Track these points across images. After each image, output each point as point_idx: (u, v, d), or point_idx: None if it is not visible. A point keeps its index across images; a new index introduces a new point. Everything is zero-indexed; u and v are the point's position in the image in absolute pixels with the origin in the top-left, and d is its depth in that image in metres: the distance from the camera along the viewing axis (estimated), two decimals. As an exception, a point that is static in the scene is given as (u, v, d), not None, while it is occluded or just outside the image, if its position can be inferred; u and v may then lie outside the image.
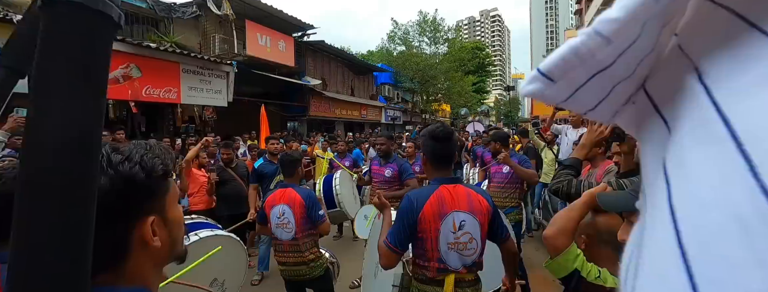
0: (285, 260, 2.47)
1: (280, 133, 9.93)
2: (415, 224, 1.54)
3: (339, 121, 15.99)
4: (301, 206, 2.42)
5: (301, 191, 2.48)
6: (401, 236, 1.54)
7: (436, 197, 1.56)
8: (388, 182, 3.89)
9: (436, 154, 1.66)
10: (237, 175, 4.50)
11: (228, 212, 4.34)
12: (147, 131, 7.93)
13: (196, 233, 2.53)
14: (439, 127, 1.68)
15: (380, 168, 4.05)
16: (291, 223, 2.42)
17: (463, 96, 26.09)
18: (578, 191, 1.65)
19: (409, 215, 1.54)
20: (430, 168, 1.68)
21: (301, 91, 12.76)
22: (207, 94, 7.99)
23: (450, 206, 1.56)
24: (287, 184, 2.57)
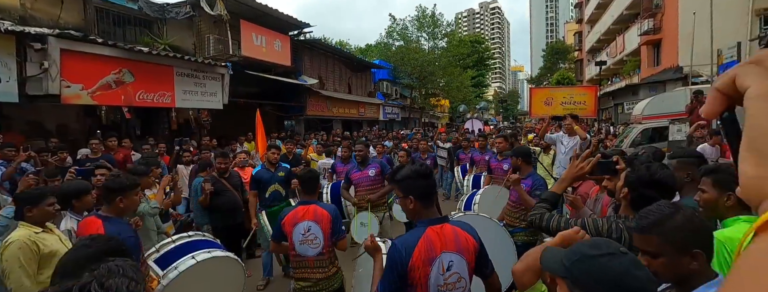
0: (310, 276, 2.48)
1: (277, 135, 9.89)
2: (405, 273, 1.52)
3: (336, 119, 15.92)
4: (329, 222, 2.47)
5: (327, 207, 2.54)
6: (392, 287, 1.52)
7: (424, 242, 1.53)
8: (373, 181, 4.08)
9: (424, 191, 1.62)
10: (230, 185, 4.48)
11: (222, 222, 4.33)
12: (142, 135, 7.88)
13: (192, 255, 2.50)
14: (420, 165, 1.67)
15: (362, 172, 4.15)
16: (319, 238, 2.46)
17: (462, 91, 25.94)
18: (548, 226, 1.67)
19: (399, 266, 1.51)
20: (419, 208, 1.62)
21: (298, 91, 12.66)
22: (202, 97, 7.92)
23: (439, 249, 1.54)
24: (309, 201, 2.58)
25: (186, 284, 2.41)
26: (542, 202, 1.78)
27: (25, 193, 2.31)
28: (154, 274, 2.41)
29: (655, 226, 1.13)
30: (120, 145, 5.70)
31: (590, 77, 28.34)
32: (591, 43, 28.28)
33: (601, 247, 0.88)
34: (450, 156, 8.09)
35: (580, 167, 1.74)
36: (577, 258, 0.86)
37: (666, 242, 1.11)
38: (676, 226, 1.11)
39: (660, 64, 17.68)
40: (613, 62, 22.48)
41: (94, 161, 4.93)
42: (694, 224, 1.12)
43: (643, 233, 1.16)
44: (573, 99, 10.65)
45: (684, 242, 1.10)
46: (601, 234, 1.53)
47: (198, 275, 2.49)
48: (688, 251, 1.09)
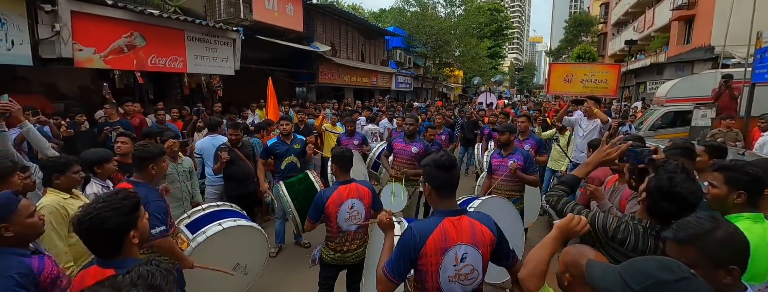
0: (349, 247, 2.65)
1: (289, 102, 9.82)
2: (416, 258, 1.54)
3: (348, 88, 15.70)
4: (370, 197, 2.65)
5: (366, 185, 2.70)
6: (401, 269, 1.55)
7: (439, 231, 1.55)
8: (414, 158, 4.21)
9: (442, 184, 1.61)
10: (243, 154, 4.53)
11: (236, 191, 4.45)
12: (155, 100, 7.88)
13: (219, 222, 2.74)
14: (443, 155, 1.62)
15: (407, 145, 4.29)
16: (361, 214, 2.64)
17: (477, 62, 25.12)
18: (562, 211, 1.64)
19: (411, 249, 1.53)
20: (435, 197, 1.64)
21: (310, 58, 12.39)
22: (213, 63, 7.79)
23: (453, 240, 1.55)
24: (348, 180, 2.68)
25: (212, 247, 2.63)
26: (561, 184, 1.74)
27: (52, 161, 2.40)
28: (184, 237, 2.66)
29: (694, 239, 1.12)
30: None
31: (613, 53, 27.11)
32: (618, 15, 26.71)
33: (674, 270, 0.84)
34: (462, 131, 8.01)
35: (607, 153, 1.67)
36: (651, 283, 0.82)
37: (704, 256, 1.10)
38: (717, 242, 1.10)
39: (690, 43, 16.72)
40: (639, 38, 21.34)
41: (112, 124, 5.01)
42: (735, 241, 1.10)
43: (680, 243, 1.14)
44: (594, 77, 10.19)
45: (722, 257, 1.09)
46: (607, 232, 1.51)
47: (224, 240, 2.70)
48: (724, 266, 1.08)
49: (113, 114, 5.28)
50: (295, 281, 3.75)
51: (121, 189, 1.44)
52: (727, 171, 1.70)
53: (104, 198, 1.33)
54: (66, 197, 2.28)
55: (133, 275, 0.77)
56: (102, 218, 1.26)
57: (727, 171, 1.71)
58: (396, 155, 4.28)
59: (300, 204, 3.64)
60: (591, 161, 1.73)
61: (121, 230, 1.31)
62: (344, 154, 2.75)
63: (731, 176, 1.67)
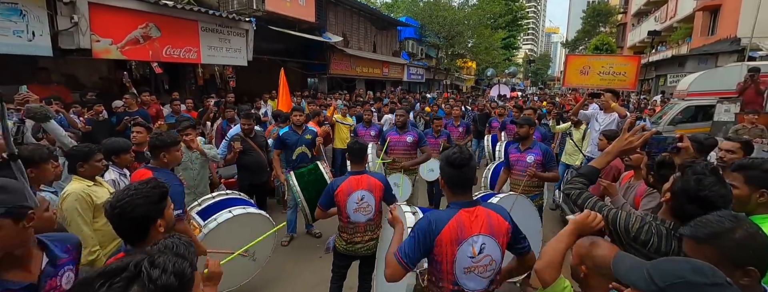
0: (360, 239, 2.70)
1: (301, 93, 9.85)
2: (431, 247, 1.55)
3: (360, 79, 15.64)
4: (381, 190, 2.65)
5: (378, 176, 2.70)
6: (413, 255, 1.54)
7: (455, 222, 1.54)
8: (410, 148, 4.27)
9: (454, 181, 1.61)
10: (256, 145, 4.59)
11: (249, 181, 4.52)
12: (170, 90, 8.00)
13: (230, 210, 2.85)
14: (456, 152, 1.60)
15: (401, 136, 4.33)
16: (371, 206, 2.66)
17: (491, 53, 24.65)
18: (583, 206, 1.60)
19: (426, 237, 1.54)
20: (448, 192, 1.64)
21: (322, 48, 12.35)
22: (226, 53, 7.84)
23: (469, 231, 1.55)
24: (360, 171, 2.72)
25: (222, 234, 2.72)
26: (580, 176, 1.70)
27: (76, 149, 2.49)
28: (196, 223, 2.75)
29: (713, 238, 1.09)
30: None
31: (632, 44, 26.26)
32: (639, 5, 25.78)
33: (707, 274, 0.81)
34: (475, 123, 7.93)
35: (629, 141, 1.60)
36: (679, 282, 0.80)
37: (722, 255, 1.07)
38: (736, 242, 1.07)
39: (715, 34, 16.06)
40: (661, 28, 20.59)
41: (131, 114, 5.12)
42: (756, 242, 1.07)
43: (698, 242, 1.12)
44: (612, 69, 9.90)
45: (741, 258, 1.06)
46: (629, 232, 1.46)
47: (233, 227, 2.79)
48: (742, 267, 1.06)
49: (133, 104, 5.39)
50: (306, 271, 3.82)
51: (151, 178, 1.49)
52: (746, 170, 1.64)
53: (136, 186, 1.39)
54: (90, 185, 2.36)
55: (160, 245, 0.89)
56: (133, 205, 1.32)
57: (745, 170, 1.65)
58: (392, 148, 4.31)
59: (309, 195, 3.69)
60: (611, 150, 1.66)
61: (149, 217, 1.36)
62: (357, 145, 2.78)
63: (751, 175, 1.62)
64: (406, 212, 2.04)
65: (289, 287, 3.53)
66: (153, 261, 0.74)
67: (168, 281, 0.72)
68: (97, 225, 2.30)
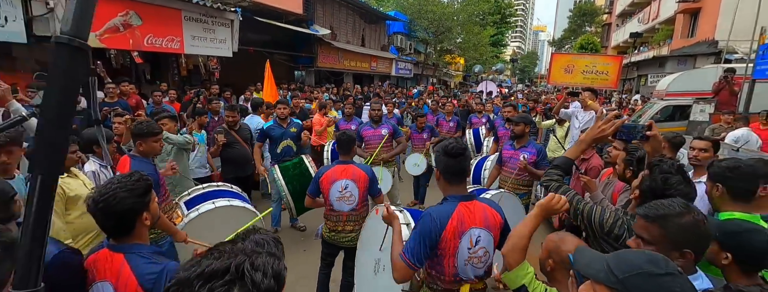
0: (342, 228, 2.75)
1: (287, 85, 9.74)
2: (436, 243, 1.57)
3: (348, 73, 15.54)
4: (366, 181, 2.68)
5: (364, 168, 2.72)
6: (420, 254, 1.56)
7: (457, 215, 1.58)
8: (386, 141, 4.29)
9: (450, 170, 1.64)
10: (240, 137, 4.52)
11: (233, 174, 4.46)
12: (152, 80, 7.80)
13: (213, 201, 2.84)
14: (452, 143, 1.64)
15: (376, 130, 4.35)
16: (354, 196, 2.68)
17: (479, 50, 24.80)
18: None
19: (431, 234, 1.56)
20: (445, 183, 1.67)
21: (309, 41, 12.21)
22: (211, 44, 7.67)
23: (468, 224, 1.60)
24: (347, 161, 2.77)
25: (204, 224, 2.72)
26: (555, 168, 1.74)
27: None
28: (180, 213, 2.79)
29: (662, 219, 1.19)
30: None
31: (616, 44, 26.82)
32: (623, 6, 26.29)
33: (661, 265, 0.86)
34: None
35: (601, 129, 1.63)
36: (636, 273, 0.84)
37: (665, 236, 1.18)
38: (681, 226, 1.17)
39: (694, 36, 16.54)
40: (644, 30, 21.09)
41: (111, 105, 4.97)
42: (699, 230, 1.17)
43: (647, 220, 1.22)
44: (596, 68, 10.10)
45: (681, 241, 1.17)
46: (603, 226, 1.52)
47: (215, 218, 2.79)
48: (680, 249, 1.16)
49: (113, 94, 5.23)
50: (290, 264, 3.78)
51: (135, 171, 1.46)
52: (710, 167, 1.76)
53: (119, 179, 1.36)
54: (63, 177, 2.29)
55: (251, 242, 0.82)
56: (117, 199, 1.30)
57: (710, 167, 1.76)
58: (368, 142, 4.32)
59: (294, 188, 3.68)
60: (585, 138, 1.70)
61: (134, 211, 1.34)
62: (344, 136, 2.81)
63: (711, 171, 1.74)
64: (395, 210, 2.07)
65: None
66: (254, 263, 0.70)
67: (269, 285, 0.70)
68: (70, 218, 2.25)
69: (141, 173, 1.45)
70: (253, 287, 0.67)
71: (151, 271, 1.28)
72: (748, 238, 1.27)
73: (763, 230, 1.31)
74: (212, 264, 0.69)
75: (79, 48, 0.61)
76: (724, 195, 1.67)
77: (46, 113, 0.61)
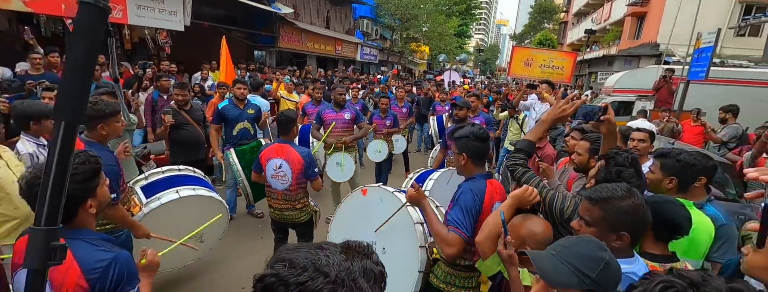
0: (278, 206, 2.80)
1: (246, 66, 9.21)
2: (479, 215, 1.64)
3: (311, 55, 15.05)
4: (300, 164, 2.68)
5: (300, 150, 2.71)
6: (470, 225, 1.61)
7: (489, 190, 1.69)
8: (347, 125, 4.27)
9: (479, 153, 1.75)
10: (192, 119, 4.22)
11: (183, 157, 4.16)
12: (90, 52, 7.00)
13: (176, 190, 2.65)
14: (479, 129, 1.76)
15: (338, 114, 4.28)
16: (288, 176, 2.69)
17: (444, 39, 25.05)
18: (525, 183, 1.66)
19: (476, 206, 1.64)
20: (471, 165, 1.75)
21: (271, 19, 11.60)
22: (160, 15, 7.02)
23: (496, 198, 1.71)
24: (286, 140, 2.77)
25: (166, 215, 2.53)
26: (518, 151, 1.75)
27: None
28: (137, 200, 2.53)
29: (603, 201, 1.25)
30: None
31: (571, 42, 28.22)
32: (579, 6, 27.62)
33: (605, 247, 0.90)
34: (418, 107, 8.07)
35: (562, 109, 1.66)
36: (602, 267, 0.87)
37: (604, 218, 1.24)
38: (620, 209, 1.23)
39: (639, 38, 17.80)
40: (597, 29, 22.35)
41: (36, 78, 4.39)
42: (637, 214, 1.23)
43: (590, 202, 1.27)
44: (552, 63, 10.56)
45: (619, 224, 1.23)
46: (563, 213, 1.57)
47: (179, 209, 2.62)
48: (618, 231, 1.22)
49: (39, 65, 4.63)
50: (246, 252, 3.67)
51: (81, 151, 1.28)
52: (663, 158, 1.85)
53: None
54: None
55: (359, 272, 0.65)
56: None
57: (663, 158, 1.85)
58: (328, 125, 4.23)
59: (250, 173, 3.51)
60: (546, 118, 1.72)
61: (77, 197, 1.18)
62: (283, 116, 2.82)
63: (666, 163, 1.82)
64: (394, 192, 2.05)
65: (228, 270, 3.38)
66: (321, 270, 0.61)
67: None
68: None
69: (88, 154, 1.28)
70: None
71: (99, 259, 1.13)
72: (667, 208, 1.41)
73: (681, 204, 1.45)
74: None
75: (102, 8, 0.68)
76: (674, 188, 1.80)
77: (70, 64, 0.69)
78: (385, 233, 1.97)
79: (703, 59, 6.34)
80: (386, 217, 1.93)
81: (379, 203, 2.04)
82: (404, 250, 1.88)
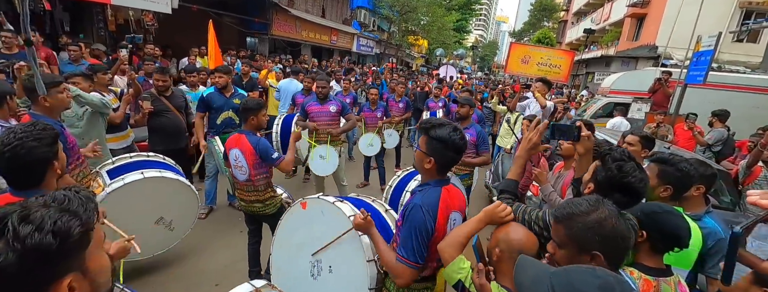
0: (244, 197, 2.72)
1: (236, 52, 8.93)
2: (432, 234, 1.45)
3: (306, 44, 14.75)
4: (252, 154, 2.58)
5: (251, 139, 2.59)
6: (421, 250, 1.44)
7: (443, 202, 1.49)
8: (332, 117, 4.09)
9: (449, 164, 1.53)
10: (173, 106, 4.03)
11: (162, 146, 3.99)
12: (72, 32, 6.71)
13: (142, 171, 2.61)
14: (460, 137, 1.48)
15: (323, 106, 4.10)
16: (244, 167, 2.61)
17: (443, 34, 24.79)
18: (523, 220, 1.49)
19: (427, 227, 1.43)
20: (434, 172, 1.53)
21: (264, 5, 11.28)
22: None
23: (451, 208, 1.53)
24: (241, 130, 2.68)
25: (130, 196, 2.47)
26: (503, 193, 1.63)
27: None
28: (102, 181, 2.50)
29: (566, 218, 1.09)
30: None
31: (570, 41, 28.13)
32: (579, 5, 27.49)
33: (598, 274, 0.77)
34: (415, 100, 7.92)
35: (529, 139, 1.58)
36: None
37: (570, 236, 1.08)
38: (585, 225, 1.06)
39: (638, 40, 17.74)
40: (596, 29, 22.26)
41: (7, 57, 4.14)
42: (604, 228, 1.05)
43: (555, 221, 1.13)
44: (550, 61, 10.46)
45: (586, 241, 1.05)
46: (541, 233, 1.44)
47: (143, 190, 2.57)
48: (588, 251, 1.05)
49: (12, 45, 4.37)
50: (224, 246, 3.52)
51: (38, 121, 1.44)
52: (662, 164, 1.73)
53: (23, 128, 1.33)
54: None
55: (47, 197, 0.69)
56: (26, 148, 1.27)
57: (661, 164, 1.73)
58: (314, 118, 4.06)
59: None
60: (520, 154, 1.63)
61: (45, 160, 1.33)
62: (246, 103, 2.67)
63: (663, 170, 1.71)
64: (335, 202, 1.83)
65: (202, 264, 3.23)
66: (26, 215, 0.62)
67: (43, 241, 0.61)
68: None
69: (43, 122, 1.42)
70: (15, 240, 0.59)
71: None
72: (664, 218, 1.31)
73: (680, 215, 1.36)
74: None
75: None
76: (668, 196, 1.70)
77: None
78: (332, 251, 1.81)
79: (702, 63, 6.24)
80: (329, 231, 1.78)
81: (320, 216, 1.85)
82: (351, 267, 1.72)
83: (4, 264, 0.58)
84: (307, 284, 1.89)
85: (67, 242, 0.64)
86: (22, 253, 0.59)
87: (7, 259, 0.58)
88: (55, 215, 0.64)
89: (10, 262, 0.58)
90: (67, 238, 0.63)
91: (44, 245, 0.61)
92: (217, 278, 3.04)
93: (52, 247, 0.61)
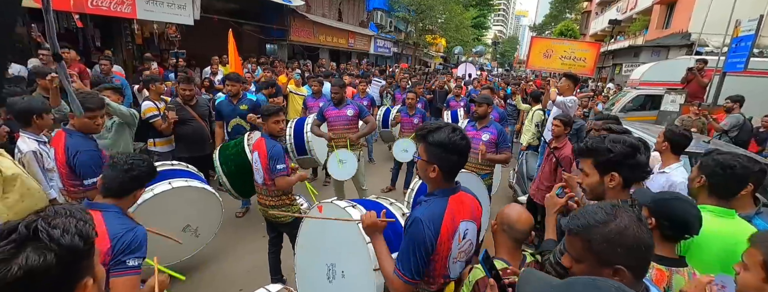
0: (262, 201, 2.75)
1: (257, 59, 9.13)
2: (433, 250, 1.37)
3: (323, 48, 14.90)
4: (266, 158, 2.59)
5: (268, 143, 2.61)
6: (419, 266, 1.36)
7: (448, 214, 1.39)
8: (350, 121, 4.04)
9: (454, 169, 1.43)
10: (197, 114, 4.16)
11: (187, 153, 4.13)
12: (102, 47, 7.06)
13: (169, 181, 2.68)
14: (461, 136, 1.38)
15: (341, 110, 4.05)
16: (260, 170, 2.65)
17: (461, 31, 24.44)
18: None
19: (426, 243, 1.35)
20: (440, 180, 1.42)
21: (281, 12, 11.48)
22: (168, 10, 6.97)
23: (459, 218, 1.42)
24: (263, 133, 2.73)
25: (159, 206, 2.57)
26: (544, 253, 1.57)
27: None
28: None
29: (583, 230, 0.98)
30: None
31: (594, 32, 27.08)
32: (604, -6, 26.45)
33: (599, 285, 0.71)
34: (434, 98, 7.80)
35: (553, 203, 1.63)
36: None
37: (589, 249, 0.97)
38: (604, 236, 0.95)
39: (669, 27, 16.82)
40: (622, 19, 21.30)
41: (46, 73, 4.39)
42: (626, 238, 0.94)
43: (570, 233, 1.02)
44: (574, 54, 10.06)
45: (608, 254, 0.95)
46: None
47: (172, 200, 2.66)
48: (610, 265, 0.94)
49: (50, 62, 4.64)
50: (248, 251, 3.57)
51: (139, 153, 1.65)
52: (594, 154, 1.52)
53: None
54: None
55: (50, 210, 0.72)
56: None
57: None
58: (332, 123, 4.04)
59: (229, 169, 3.48)
60: (548, 219, 1.65)
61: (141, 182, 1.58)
62: (264, 110, 2.72)
63: (702, 163, 1.67)
64: (346, 207, 1.83)
65: (227, 268, 3.29)
66: (50, 222, 0.67)
67: (73, 242, 0.66)
68: (8, 201, 2.01)
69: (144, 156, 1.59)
70: (51, 241, 0.64)
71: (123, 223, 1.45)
72: (674, 205, 1.30)
73: (692, 202, 1.34)
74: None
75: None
76: (703, 188, 1.63)
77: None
78: (343, 256, 1.82)
79: (742, 49, 5.84)
80: (339, 235, 1.78)
81: (334, 221, 1.84)
82: (360, 274, 1.72)
83: (47, 264, 0.63)
84: (324, 287, 1.93)
85: (88, 244, 0.70)
86: (58, 253, 0.64)
87: (48, 260, 0.63)
88: (73, 221, 0.70)
89: (52, 263, 0.63)
90: (88, 240, 0.70)
91: (74, 246, 0.66)
92: (241, 283, 3.08)
93: (80, 247, 0.67)
